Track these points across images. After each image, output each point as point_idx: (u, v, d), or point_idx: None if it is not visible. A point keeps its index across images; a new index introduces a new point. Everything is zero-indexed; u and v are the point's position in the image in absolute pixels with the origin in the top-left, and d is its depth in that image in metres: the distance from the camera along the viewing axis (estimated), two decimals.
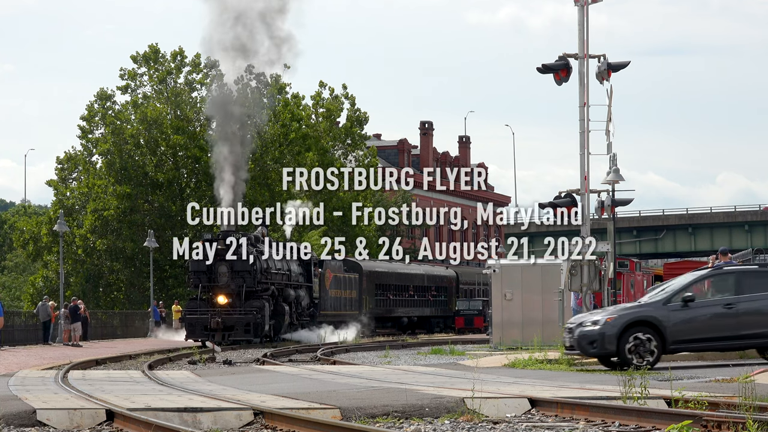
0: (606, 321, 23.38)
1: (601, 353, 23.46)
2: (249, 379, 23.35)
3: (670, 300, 23.66)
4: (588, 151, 31.22)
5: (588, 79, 30.91)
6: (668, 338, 23.20)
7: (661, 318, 23.25)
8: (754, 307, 23.56)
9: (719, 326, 23.51)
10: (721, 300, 23.70)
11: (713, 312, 23.57)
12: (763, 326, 23.50)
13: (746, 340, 23.74)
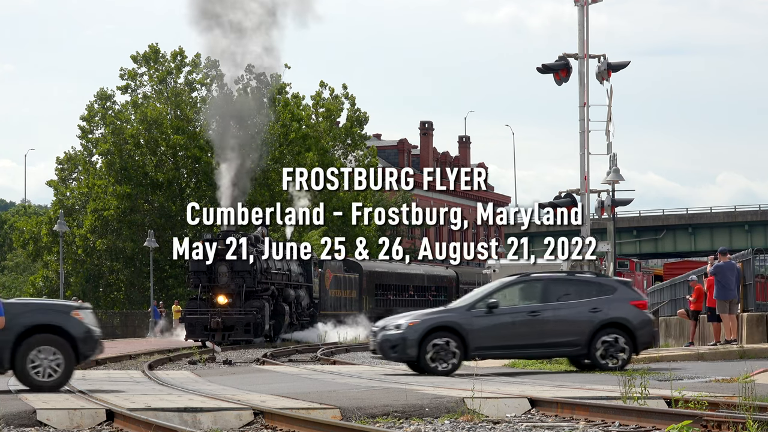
0: (408, 325, 22.78)
1: (402, 358, 22.90)
2: (249, 379, 23.35)
3: (474, 306, 23.19)
4: (588, 151, 31.24)
5: (588, 79, 30.93)
6: (470, 344, 22.67)
7: (464, 324, 22.72)
8: (559, 316, 23.15)
9: (523, 333, 23.05)
10: (526, 307, 23.28)
11: (517, 319, 23.12)
12: (568, 335, 23.03)
13: (551, 348, 23.32)
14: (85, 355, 19.10)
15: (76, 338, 18.82)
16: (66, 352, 18.72)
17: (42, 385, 18.42)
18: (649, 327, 23.71)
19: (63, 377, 18.71)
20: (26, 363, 18.59)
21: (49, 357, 18.68)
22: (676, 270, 62.73)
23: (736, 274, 29.55)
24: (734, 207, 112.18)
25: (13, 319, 18.67)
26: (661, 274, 71.62)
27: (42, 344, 18.73)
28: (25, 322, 18.73)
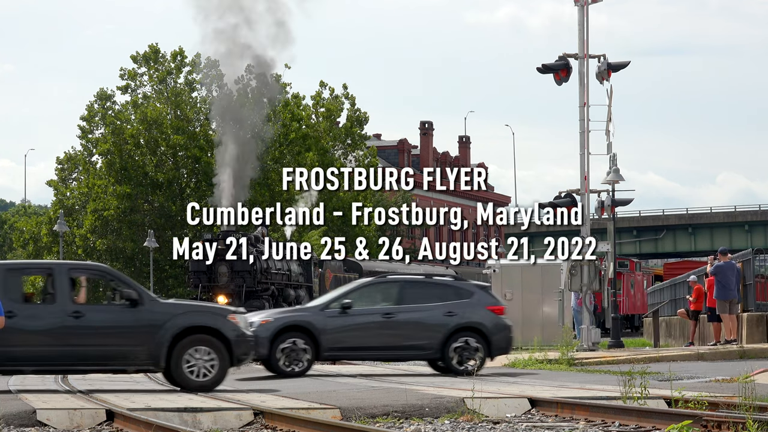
0: (260, 323, 22.66)
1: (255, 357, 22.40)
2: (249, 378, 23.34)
3: (328, 306, 23.13)
4: (588, 151, 31.26)
5: (588, 79, 30.95)
6: (323, 345, 22.63)
7: (317, 324, 22.64)
8: (414, 318, 23.00)
9: (377, 335, 22.96)
10: (380, 309, 23.17)
11: (372, 321, 23.01)
12: (422, 338, 22.88)
13: (405, 351, 23.23)
14: (239, 359, 19.48)
15: (231, 341, 19.19)
16: (221, 353, 19.09)
17: (195, 385, 18.85)
18: (506, 332, 23.50)
19: (216, 378, 19.10)
20: (181, 362, 18.98)
21: (204, 357, 19.05)
22: (676, 270, 62.75)
23: (736, 274, 29.58)
24: (734, 207, 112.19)
25: (171, 320, 19.10)
26: (661, 274, 71.64)
27: (198, 345, 19.11)
28: (182, 323, 19.13)
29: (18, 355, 19.04)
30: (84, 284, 19.68)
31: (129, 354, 19.23)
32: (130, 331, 19.13)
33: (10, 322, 18.66)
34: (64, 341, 19.07)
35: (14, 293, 19.11)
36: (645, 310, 62.35)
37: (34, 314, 19.24)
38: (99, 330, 19.18)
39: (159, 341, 19.01)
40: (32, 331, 19.10)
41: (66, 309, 19.08)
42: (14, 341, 18.87)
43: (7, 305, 18.56)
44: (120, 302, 19.35)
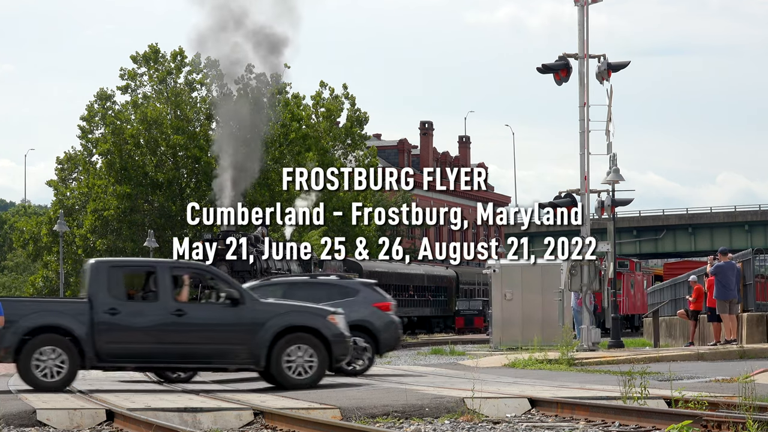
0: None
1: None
2: (249, 378, 23.32)
3: None
4: (588, 151, 31.26)
5: (588, 79, 30.95)
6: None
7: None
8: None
9: None
10: None
11: None
12: None
13: None
14: (337, 358, 19.77)
15: (330, 341, 19.49)
16: (320, 353, 19.36)
17: (294, 383, 19.08)
18: (393, 329, 23.51)
19: (315, 377, 19.36)
20: (281, 361, 19.22)
21: (304, 357, 19.32)
22: (676, 270, 62.72)
23: (736, 274, 29.57)
24: (734, 207, 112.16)
25: (271, 319, 19.37)
26: (661, 274, 71.63)
27: (298, 344, 19.37)
28: (283, 323, 19.41)
29: (120, 352, 19.26)
30: (186, 283, 19.85)
31: (230, 352, 19.45)
32: (231, 330, 19.37)
33: (114, 319, 19.14)
34: (167, 339, 19.30)
35: (117, 290, 19.38)
36: (645, 310, 62.35)
37: (137, 311, 19.46)
38: (201, 328, 19.41)
39: (260, 340, 19.25)
40: (135, 328, 19.32)
41: (168, 307, 19.33)
42: (117, 338, 19.17)
43: (110, 302, 19.06)
44: (221, 301, 19.59)
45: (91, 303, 19.22)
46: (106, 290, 19.23)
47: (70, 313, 19.18)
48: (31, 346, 18.87)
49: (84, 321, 19.04)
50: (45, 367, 18.90)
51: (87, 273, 19.72)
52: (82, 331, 18.96)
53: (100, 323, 19.08)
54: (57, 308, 19.66)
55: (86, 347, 18.97)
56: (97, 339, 19.04)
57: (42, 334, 18.94)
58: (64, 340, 18.94)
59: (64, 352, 18.91)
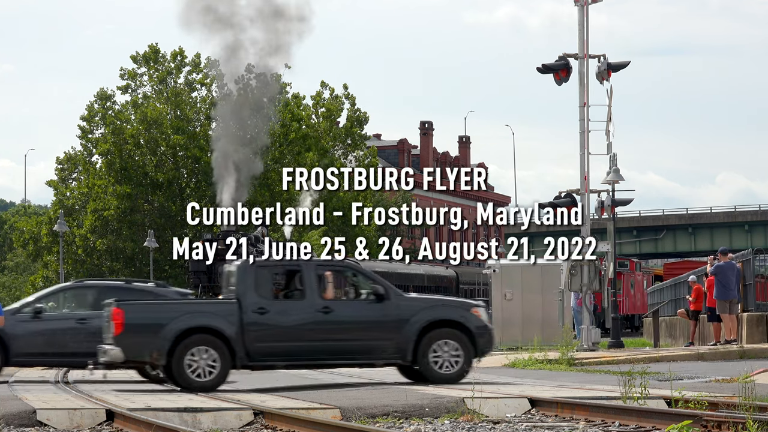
0: None
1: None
2: (249, 378, 23.33)
3: (20, 310, 22.78)
4: (588, 151, 31.25)
5: (588, 79, 30.93)
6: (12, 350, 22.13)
7: (7, 329, 21.95)
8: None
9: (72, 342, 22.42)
10: (75, 314, 22.87)
11: (66, 326, 22.69)
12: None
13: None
14: (482, 350, 19.92)
15: (475, 334, 19.65)
16: (466, 346, 19.54)
17: (441, 378, 19.26)
18: None
19: (461, 371, 19.52)
20: (428, 356, 19.40)
21: (451, 351, 19.48)
22: (676, 270, 62.72)
23: (736, 274, 29.57)
24: (734, 207, 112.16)
25: (417, 314, 19.58)
26: (661, 274, 71.63)
27: (444, 338, 19.53)
28: (429, 317, 19.56)
29: (270, 350, 19.47)
30: (331, 280, 20.14)
31: (377, 348, 19.66)
32: (378, 326, 19.61)
33: (263, 318, 19.41)
34: (315, 336, 19.53)
35: (265, 290, 19.61)
36: (645, 310, 62.34)
37: (285, 310, 19.68)
38: (348, 325, 19.67)
39: (406, 335, 19.44)
40: (284, 326, 19.53)
41: (315, 305, 19.53)
42: (266, 337, 19.39)
43: (259, 302, 19.31)
44: (367, 297, 19.79)
45: (240, 303, 19.45)
46: (254, 290, 19.48)
47: (219, 313, 19.42)
48: (184, 347, 19.07)
49: (233, 321, 19.27)
50: (197, 368, 19.09)
51: (234, 273, 19.89)
52: (232, 331, 19.19)
53: (250, 323, 19.32)
54: (207, 309, 19.94)
55: (237, 347, 19.20)
56: (247, 338, 19.29)
57: (193, 335, 19.16)
58: (216, 341, 19.18)
59: (216, 352, 19.14)
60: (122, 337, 18.97)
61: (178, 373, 19.05)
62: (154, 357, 19.19)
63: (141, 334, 19.07)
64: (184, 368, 18.99)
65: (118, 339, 18.99)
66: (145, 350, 19.12)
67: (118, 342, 19.00)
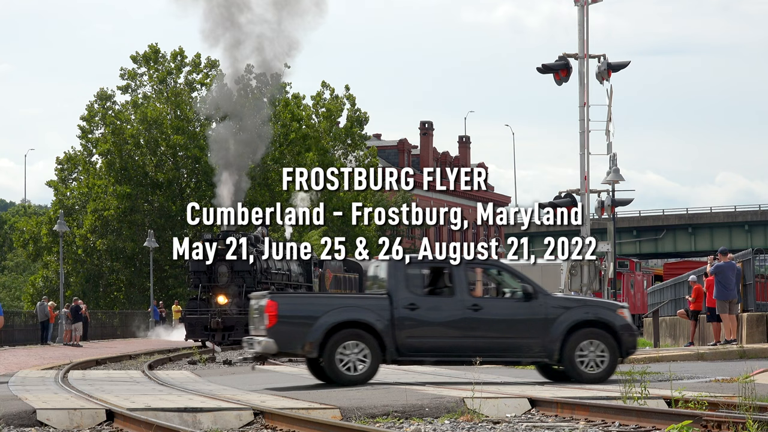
0: None
1: None
2: (249, 379, 23.34)
3: None
4: (588, 151, 31.24)
5: (588, 79, 30.92)
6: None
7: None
8: None
9: None
10: None
11: None
12: None
13: None
14: (627, 351, 20.06)
15: (620, 334, 19.84)
16: (611, 346, 19.74)
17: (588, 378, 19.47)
18: None
19: (607, 371, 19.71)
20: (574, 355, 19.68)
21: (597, 351, 19.70)
22: (676, 270, 62.67)
23: (736, 274, 29.54)
24: (734, 207, 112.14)
25: (564, 313, 19.87)
26: (661, 274, 71.55)
27: (590, 338, 19.77)
28: (575, 317, 19.82)
29: (419, 346, 19.73)
30: (480, 278, 20.30)
31: (523, 346, 19.89)
32: (525, 324, 19.84)
33: (413, 314, 19.67)
34: (464, 333, 19.76)
35: (415, 286, 19.84)
36: (645, 310, 62.31)
37: (435, 307, 19.90)
38: (496, 322, 19.88)
39: (553, 334, 19.69)
40: (434, 323, 19.79)
41: (465, 302, 19.78)
42: (417, 333, 19.65)
43: (409, 298, 19.57)
44: (515, 296, 20.02)
45: (391, 298, 19.72)
46: (405, 286, 19.73)
47: (371, 308, 19.65)
48: (336, 340, 19.34)
49: (384, 316, 19.54)
50: (348, 361, 19.38)
51: (384, 270, 20.14)
52: (382, 326, 19.48)
53: (401, 318, 19.59)
54: (358, 303, 20.10)
55: (387, 341, 19.48)
56: (398, 333, 19.55)
57: (344, 329, 19.42)
58: (367, 335, 19.44)
59: (367, 347, 19.41)
60: (275, 329, 19.32)
61: (329, 367, 19.33)
62: (306, 349, 19.46)
63: (294, 326, 19.40)
64: (335, 361, 19.31)
65: (272, 331, 19.34)
66: (297, 342, 19.42)
67: (272, 333, 19.36)
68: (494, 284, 20.65)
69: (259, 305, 19.82)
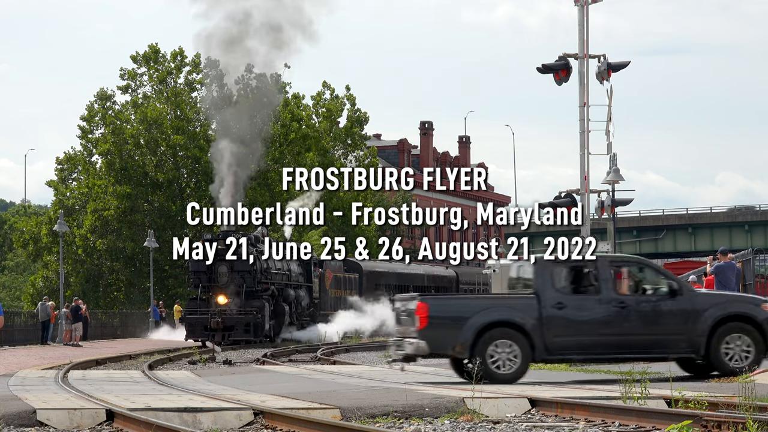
0: None
1: None
2: (249, 379, 23.34)
3: None
4: (588, 151, 31.22)
5: (588, 79, 30.90)
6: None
7: None
8: None
9: None
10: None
11: None
12: None
13: None
14: None
15: (765, 328, 20.05)
16: (756, 340, 20.01)
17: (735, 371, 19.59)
18: None
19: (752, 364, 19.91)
20: (720, 350, 19.92)
21: (743, 346, 19.99)
22: (676, 270, 62.59)
23: (736, 274, 29.54)
24: (734, 207, 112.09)
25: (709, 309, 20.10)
26: None
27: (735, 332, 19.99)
28: (720, 313, 20.05)
29: (567, 344, 19.98)
30: (625, 276, 20.35)
31: (670, 342, 20.09)
32: (671, 321, 20.04)
33: (561, 313, 19.94)
34: (610, 331, 19.96)
35: (562, 285, 20.13)
36: None
37: (582, 305, 20.10)
38: (643, 319, 20.05)
39: (699, 330, 19.89)
40: (581, 321, 19.99)
41: (611, 300, 20.00)
42: (564, 332, 19.89)
43: (557, 297, 19.88)
44: (659, 292, 20.20)
45: (539, 298, 19.97)
46: (551, 285, 20.00)
47: (519, 308, 19.91)
48: (486, 340, 19.59)
49: (533, 315, 19.80)
50: (498, 360, 19.62)
51: (529, 270, 20.41)
52: (531, 325, 19.72)
53: (549, 317, 19.84)
54: (507, 303, 20.30)
55: (536, 341, 19.72)
56: (546, 332, 19.79)
57: (494, 328, 19.66)
58: (517, 334, 19.68)
59: (517, 346, 19.64)
60: (427, 331, 19.58)
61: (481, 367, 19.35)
62: (457, 350, 19.70)
63: (445, 327, 19.69)
64: (486, 361, 19.49)
65: (423, 332, 19.59)
66: (448, 343, 19.68)
67: (423, 335, 19.61)
68: (637, 281, 20.71)
69: (408, 307, 20.19)
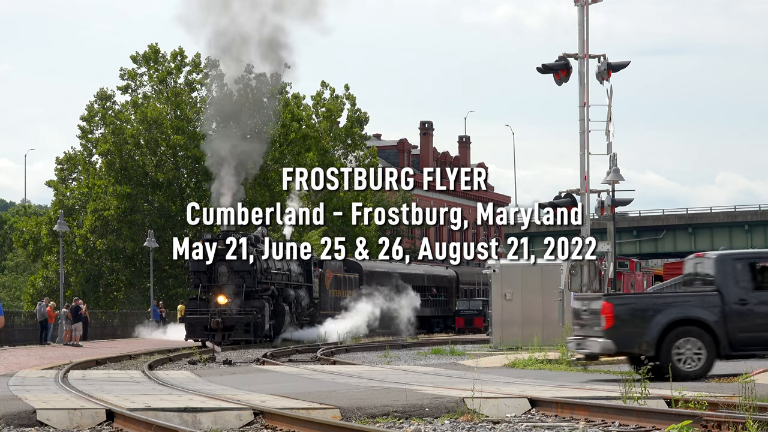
0: None
1: None
2: (249, 379, 23.34)
3: None
4: (588, 151, 31.22)
5: (588, 79, 30.90)
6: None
7: None
8: None
9: None
10: None
11: None
12: None
13: None
14: None
15: None
16: None
17: None
18: None
19: None
20: None
21: None
22: (676, 270, 62.70)
23: None
24: (734, 207, 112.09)
25: None
26: (661, 274, 71.54)
27: None
28: None
29: (751, 340, 20.10)
30: None
31: None
32: None
33: (744, 309, 20.09)
34: None
35: (744, 282, 20.17)
36: None
37: (765, 301, 20.22)
38: None
39: None
40: (764, 317, 20.12)
41: None
42: (748, 327, 20.01)
43: (739, 293, 19.99)
44: None
45: (721, 294, 20.05)
46: (734, 282, 20.09)
47: (701, 305, 20.02)
48: (671, 338, 19.73)
49: (716, 312, 19.93)
50: (684, 357, 19.75)
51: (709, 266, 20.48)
52: (715, 322, 19.84)
53: (732, 313, 19.98)
54: (690, 301, 20.34)
55: (720, 337, 19.83)
56: (730, 328, 19.91)
57: (679, 326, 19.79)
58: (701, 331, 19.79)
59: (702, 342, 19.78)
60: (613, 330, 19.67)
61: (668, 364, 19.49)
62: (643, 348, 19.71)
63: (630, 326, 19.77)
64: (672, 358, 19.59)
65: (609, 332, 19.69)
66: (634, 342, 19.77)
67: (609, 334, 19.71)
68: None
69: (590, 307, 20.24)
